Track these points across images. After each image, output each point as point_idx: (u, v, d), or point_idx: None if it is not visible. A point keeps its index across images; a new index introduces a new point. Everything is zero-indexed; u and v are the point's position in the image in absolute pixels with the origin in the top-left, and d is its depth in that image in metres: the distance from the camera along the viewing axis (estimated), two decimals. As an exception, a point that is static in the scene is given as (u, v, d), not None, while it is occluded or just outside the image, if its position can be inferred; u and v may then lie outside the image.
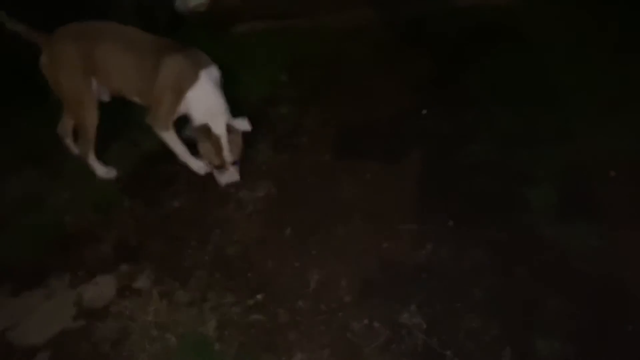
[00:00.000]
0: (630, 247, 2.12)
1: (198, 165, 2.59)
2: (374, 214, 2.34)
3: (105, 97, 2.51)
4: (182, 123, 2.51)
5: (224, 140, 2.37)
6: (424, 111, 2.90)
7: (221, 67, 2.99)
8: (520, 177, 2.45)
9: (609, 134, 2.57)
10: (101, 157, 2.60)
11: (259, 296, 2.03)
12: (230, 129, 2.39)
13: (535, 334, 1.86)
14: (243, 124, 2.45)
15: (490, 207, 2.33)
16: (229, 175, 2.48)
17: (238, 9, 3.95)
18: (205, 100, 2.38)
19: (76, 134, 2.56)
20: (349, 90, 3.17)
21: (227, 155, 2.40)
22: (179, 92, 2.37)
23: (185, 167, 2.61)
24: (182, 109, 2.44)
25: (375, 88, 3.15)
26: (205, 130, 2.36)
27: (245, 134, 2.48)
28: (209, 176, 2.58)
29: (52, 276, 2.17)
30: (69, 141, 2.65)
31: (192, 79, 2.36)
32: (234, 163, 2.46)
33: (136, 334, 1.92)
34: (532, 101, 2.81)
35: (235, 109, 2.60)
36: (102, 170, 2.58)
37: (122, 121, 2.88)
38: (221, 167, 2.45)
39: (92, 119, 2.41)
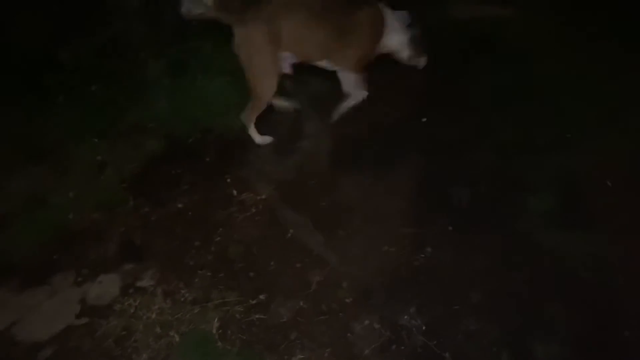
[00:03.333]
0: (626, 255, 2.17)
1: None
2: (374, 218, 2.38)
3: (287, 70, 2.62)
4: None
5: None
6: (424, 119, 2.95)
7: (224, 73, 3.05)
8: (519, 184, 2.50)
9: (606, 143, 2.62)
10: (106, 157, 2.63)
11: (261, 296, 2.06)
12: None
13: (533, 338, 1.90)
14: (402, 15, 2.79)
15: (489, 213, 2.38)
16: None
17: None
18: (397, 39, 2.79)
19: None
20: (351, 96, 3.21)
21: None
22: (376, 41, 2.72)
23: (188, 169, 2.64)
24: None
25: (376, 95, 3.18)
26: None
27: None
28: (213, 178, 2.60)
29: (57, 274, 2.19)
30: (251, 131, 2.75)
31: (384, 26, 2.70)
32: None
33: (140, 331, 1.95)
34: (531, 110, 2.85)
35: (240, 110, 2.68)
36: (259, 138, 2.75)
37: (126, 123, 2.91)
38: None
39: (271, 90, 2.57)
